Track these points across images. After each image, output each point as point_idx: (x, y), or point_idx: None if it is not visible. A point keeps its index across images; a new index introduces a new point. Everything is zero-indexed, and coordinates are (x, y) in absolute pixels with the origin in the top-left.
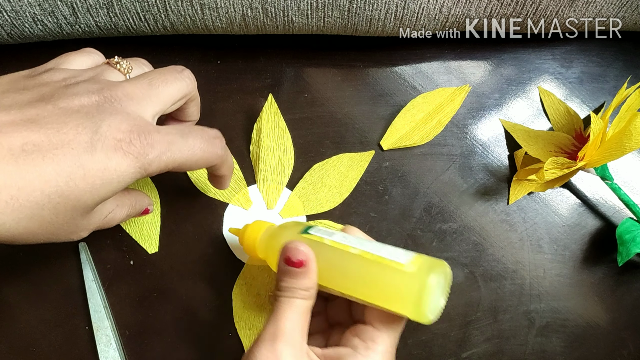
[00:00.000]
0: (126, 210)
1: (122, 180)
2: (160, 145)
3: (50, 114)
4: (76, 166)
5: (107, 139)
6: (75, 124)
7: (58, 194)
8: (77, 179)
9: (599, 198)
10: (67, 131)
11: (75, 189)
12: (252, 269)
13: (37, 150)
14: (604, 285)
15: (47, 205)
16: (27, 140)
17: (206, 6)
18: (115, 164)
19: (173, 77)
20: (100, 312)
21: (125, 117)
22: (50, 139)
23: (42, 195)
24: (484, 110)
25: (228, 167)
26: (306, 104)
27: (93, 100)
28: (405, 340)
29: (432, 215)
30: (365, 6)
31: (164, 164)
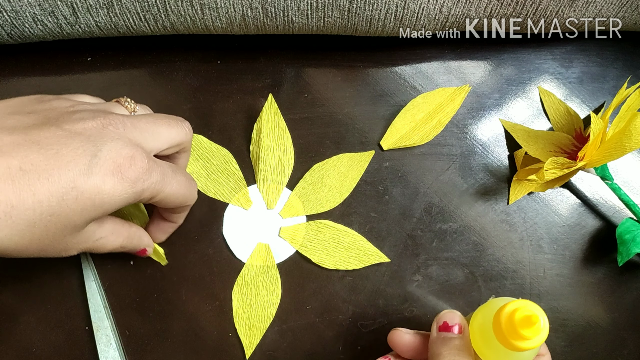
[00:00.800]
0: (121, 240)
1: (114, 203)
2: (156, 174)
3: (52, 136)
4: (70, 187)
5: (106, 163)
6: (75, 146)
7: (49, 213)
8: (70, 200)
9: (599, 198)
10: (67, 153)
11: (67, 209)
12: (252, 269)
13: (34, 170)
14: (604, 285)
15: (39, 223)
16: (25, 160)
17: (206, 6)
18: (109, 188)
19: (175, 122)
20: (100, 312)
21: (127, 143)
22: (48, 160)
23: (34, 213)
24: (484, 110)
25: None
26: (306, 104)
27: (97, 124)
28: None
29: (432, 215)
30: (365, 6)
31: (155, 193)
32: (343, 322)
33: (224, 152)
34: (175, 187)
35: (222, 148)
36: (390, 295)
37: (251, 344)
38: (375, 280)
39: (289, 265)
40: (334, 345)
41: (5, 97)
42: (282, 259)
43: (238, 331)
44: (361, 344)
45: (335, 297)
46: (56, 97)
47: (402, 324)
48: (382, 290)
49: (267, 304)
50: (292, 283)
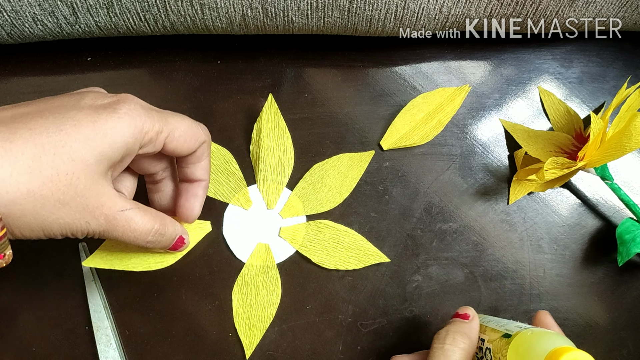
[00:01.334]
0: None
1: (118, 132)
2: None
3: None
4: (65, 118)
5: (95, 102)
6: (62, 98)
7: (51, 144)
8: (67, 128)
9: (599, 198)
10: (54, 101)
11: (68, 138)
12: (252, 269)
13: (26, 115)
14: (604, 285)
15: (43, 157)
16: (15, 112)
17: (206, 6)
18: (105, 116)
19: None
20: (100, 312)
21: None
22: (38, 107)
23: (35, 145)
24: (484, 110)
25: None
26: (306, 104)
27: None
28: (405, 340)
29: (432, 215)
30: (365, 6)
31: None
32: (343, 322)
33: (224, 152)
34: (177, 120)
35: (222, 148)
36: (390, 295)
37: (251, 344)
38: (375, 280)
39: (289, 265)
40: (334, 345)
41: (5, 98)
42: (282, 259)
43: (238, 331)
44: (361, 344)
45: (335, 297)
46: None
47: (402, 324)
48: (382, 290)
49: (267, 304)
50: (292, 283)
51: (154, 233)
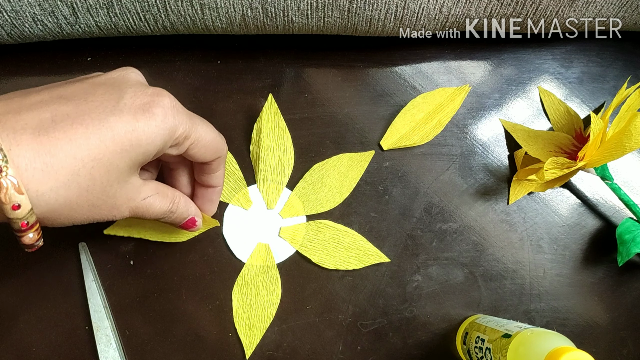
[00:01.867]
0: (167, 203)
1: (151, 141)
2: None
3: (77, 89)
4: (105, 128)
5: (134, 102)
6: (102, 92)
7: (90, 158)
8: (107, 140)
9: (599, 198)
10: (94, 99)
11: (107, 151)
12: (252, 269)
13: (67, 119)
14: (604, 285)
15: (82, 170)
16: (56, 112)
17: (206, 6)
18: (142, 125)
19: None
20: (100, 312)
21: (147, 86)
22: (78, 108)
23: (75, 160)
24: (484, 110)
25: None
26: (306, 104)
27: (118, 74)
28: (405, 340)
29: (432, 215)
30: (365, 6)
31: (187, 133)
32: (343, 322)
33: None
34: (204, 129)
35: None
36: (390, 295)
37: (251, 344)
38: (375, 280)
39: (289, 265)
40: (334, 345)
41: None
42: (282, 259)
43: (238, 331)
44: (361, 344)
45: (335, 297)
46: None
47: (402, 324)
48: (382, 290)
49: (267, 304)
50: (292, 283)
51: (168, 212)
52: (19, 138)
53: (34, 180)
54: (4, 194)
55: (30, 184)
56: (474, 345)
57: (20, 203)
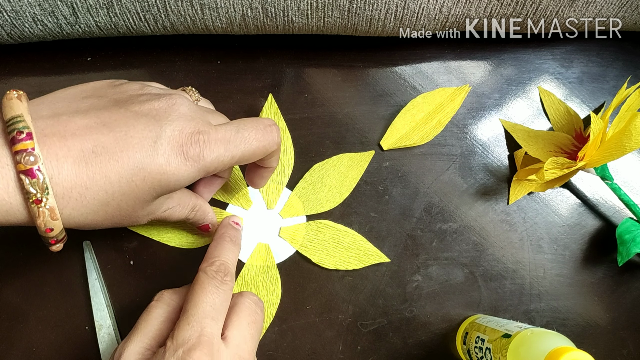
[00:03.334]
0: (186, 211)
1: (180, 182)
2: (218, 146)
3: (121, 117)
4: (138, 169)
5: (170, 143)
6: (142, 127)
7: (120, 193)
8: (138, 180)
9: (599, 198)
10: (134, 134)
11: (136, 189)
12: (252, 269)
13: (105, 153)
14: (604, 285)
15: (111, 202)
16: (97, 143)
17: (206, 6)
18: (174, 168)
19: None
20: (103, 310)
21: (189, 120)
22: (117, 142)
23: (107, 194)
24: (484, 110)
25: (278, 158)
26: (306, 104)
27: (162, 104)
28: (405, 340)
29: (432, 215)
30: (365, 6)
31: (223, 164)
32: (343, 322)
33: None
34: (243, 147)
35: None
36: (390, 295)
37: None
38: (375, 280)
39: (289, 265)
40: (334, 345)
41: None
42: (282, 259)
43: None
44: (361, 344)
45: (335, 297)
46: (128, 82)
47: (402, 324)
48: (382, 290)
49: (267, 304)
50: (292, 283)
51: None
52: (61, 166)
53: (68, 207)
54: (41, 221)
55: (64, 210)
56: (474, 345)
57: (53, 227)
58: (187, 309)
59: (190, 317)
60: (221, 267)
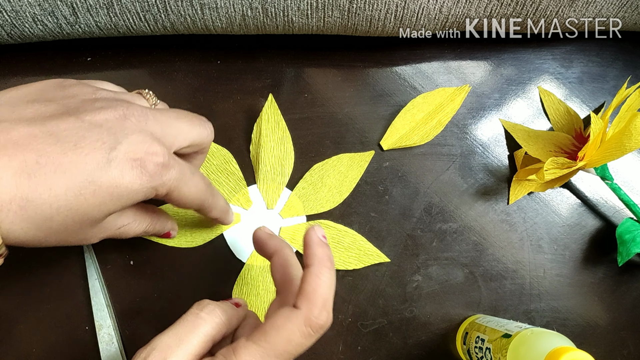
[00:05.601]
0: (144, 226)
1: (132, 197)
2: (174, 171)
3: (71, 127)
4: (88, 181)
5: (126, 156)
6: (94, 139)
7: (67, 208)
8: (87, 194)
9: (599, 198)
10: (85, 145)
11: (84, 204)
12: (252, 269)
13: (51, 164)
14: (604, 285)
15: (56, 217)
16: (42, 153)
17: (206, 6)
18: (128, 181)
19: (198, 121)
20: (103, 310)
21: (147, 136)
22: (66, 153)
23: (51, 208)
24: (484, 110)
25: (219, 210)
26: (306, 104)
27: (118, 114)
28: (405, 340)
29: (432, 215)
30: (365, 6)
31: (171, 190)
32: (343, 322)
33: (224, 152)
34: (192, 190)
35: (222, 148)
36: (390, 295)
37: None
38: (375, 280)
39: None
40: (334, 345)
41: None
42: None
43: None
44: (361, 344)
45: (335, 297)
46: (78, 83)
47: (402, 324)
48: (382, 290)
49: (267, 304)
50: None
51: (144, 233)
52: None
53: (7, 220)
54: None
55: (2, 223)
56: (474, 345)
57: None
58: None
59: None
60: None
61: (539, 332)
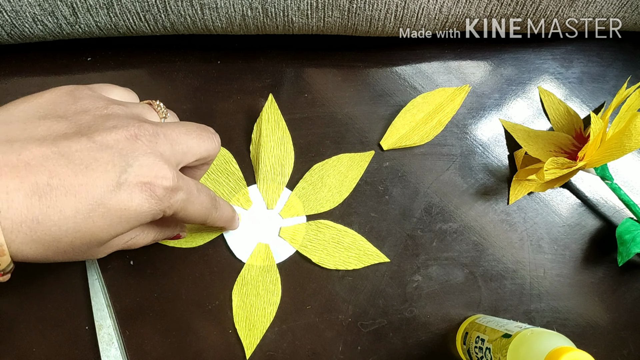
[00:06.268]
0: (152, 236)
1: (141, 219)
2: (182, 193)
3: (82, 148)
4: (97, 204)
5: (136, 179)
6: (105, 161)
7: (75, 230)
8: (96, 216)
9: (599, 198)
10: (96, 167)
11: (93, 226)
12: (252, 269)
13: (62, 186)
14: (604, 285)
15: (64, 239)
16: (53, 175)
17: (206, 6)
18: (136, 205)
19: (207, 135)
20: (103, 310)
21: (157, 160)
22: (77, 175)
23: (60, 230)
24: (484, 110)
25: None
26: (306, 104)
27: (129, 134)
28: (405, 341)
29: (432, 215)
30: (365, 6)
31: (178, 210)
32: (343, 322)
33: (224, 152)
34: (197, 208)
35: (222, 148)
36: (390, 295)
37: (251, 344)
38: (375, 280)
39: (289, 265)
40: (334, 345)
41: (6, 97)
42: (282, 259)
43: (238, 331)
44: (361, 344)
45: (335, 297)
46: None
47: (402, 324)
48: (382, 290)
49: (267, 304)
50: (292, 283)
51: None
52: (11, 200)
53: (17, 240)
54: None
55: (12, 244)
56: (474, 345)
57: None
58: None
59: None
60: None
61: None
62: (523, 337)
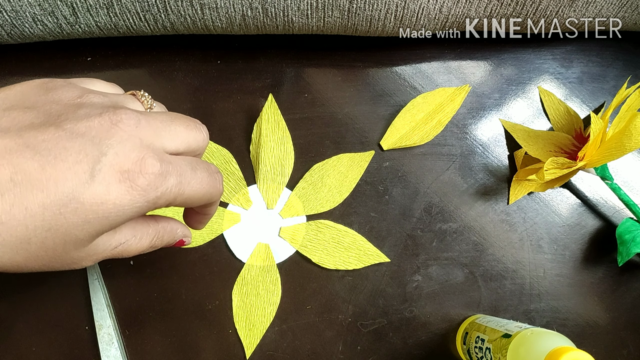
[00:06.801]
0: (148, 240)
1: (123, 215)
2: (172, 178)
3: (51, 138)
4: (68, 199)
5: (112, 169)
6: (77, 150)
7: (45, 229)
8: (68, 212)
9: (599, 198)
10: (66, 158)
11: (65, 223)
12: (252, 269)
13: (27, 181)
14: (604, 285)
15: (34, 239)
16: (17, 170)
17: (206, 6)
18: (115, 197)
19: (193, 125)
20: (103, 310)
21: (137, 145)
22: (44, 168)
23: (27, 230)
24: (484, 110)
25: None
26: (306, 104)
27: (104, 121)
28: (405, 340)
29: (432, 215)
30: (365, 6)
31: (173, 198)
32: (343, 322)
33: (224, 152)
34: (196, 187)
35: (222, 148)
36: (390, 295)
37: (251, 344)
38: (375, 280)
39: (289, 265)
40: (334, 345)
41: None
42: (282, 259)
43: (238, 331)
44: (361, 344)
45: (335, 297)
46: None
47: (402, 324)
48: (382, 290)
49: (267, 304)
50: (292, 283)
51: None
52: None
53: None
54: None
55: None
56: (474, 345)
57: None
58: None
59: None
60: None
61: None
62: (523, 337)
